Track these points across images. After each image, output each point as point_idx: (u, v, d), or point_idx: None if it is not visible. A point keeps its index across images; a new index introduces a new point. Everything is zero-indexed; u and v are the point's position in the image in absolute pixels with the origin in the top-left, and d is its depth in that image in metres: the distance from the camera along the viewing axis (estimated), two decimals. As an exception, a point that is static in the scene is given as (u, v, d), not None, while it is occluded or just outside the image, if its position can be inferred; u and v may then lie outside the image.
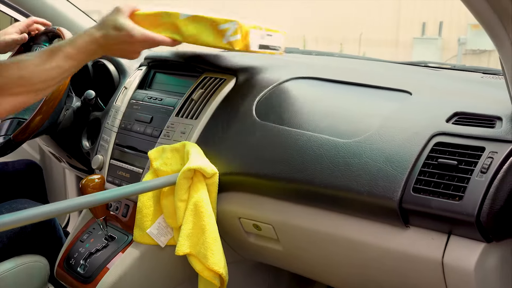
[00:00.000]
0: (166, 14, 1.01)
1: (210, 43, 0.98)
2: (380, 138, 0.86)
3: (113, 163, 1.22)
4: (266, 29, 1.04)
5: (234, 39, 0.96)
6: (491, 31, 0.73)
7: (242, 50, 0.99)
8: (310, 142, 0.92)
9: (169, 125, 1.12)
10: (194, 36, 0.99)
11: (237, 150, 1.02)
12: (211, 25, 0.97)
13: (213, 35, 0.97)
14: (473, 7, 0.71)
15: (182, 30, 1.00)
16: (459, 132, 0.80)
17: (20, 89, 0.92)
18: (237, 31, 0.95)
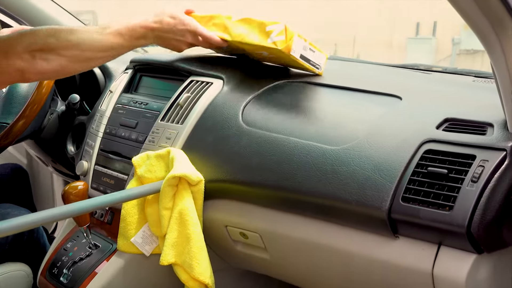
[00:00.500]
0: (219, 17, 1.09)
1: (255, 43, 1.03)
2: (368, 145, 0.83)
3: (98, 169, 1.19)
4: (310, 43, 1.06)
5: (279, 39, 1.00)
6: (482, 36, 0.71)
7: (284, 51, 1.01)
8: (297, 149, 0.90)
9: (154, 130, 1.09)
10: (241, 35, 1.05)
11: (223, 156, 0.99)
12: (259, 26, 1.03)
13: (260, 35, 1.03)
14: (464, 12, 0.69)
15: (231, 30, 1.07)
16: (450, 139, 0.78)
17: (70, 52, 0.93)
18: (282, 33, 1.00)
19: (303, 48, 1.04)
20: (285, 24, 1.00)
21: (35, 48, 0.90)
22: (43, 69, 0.92)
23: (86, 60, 0.98)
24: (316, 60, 1.09)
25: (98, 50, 0.98)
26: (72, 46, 0.94)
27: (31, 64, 0.90)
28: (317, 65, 1.09)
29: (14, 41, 0.89)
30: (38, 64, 0.90)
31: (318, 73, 1.10)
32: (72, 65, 0.96)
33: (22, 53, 0.89)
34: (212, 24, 1.09)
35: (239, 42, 1.06)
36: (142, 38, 1.03)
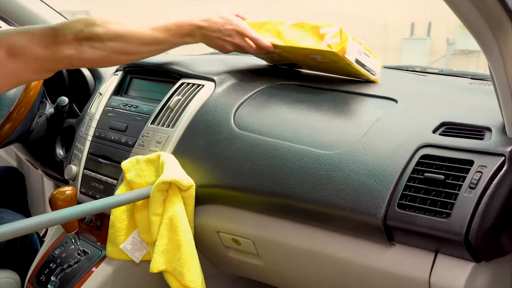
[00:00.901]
0: (271, 23, 1.06)
1: (309, 46, 0.99)
2: (363, 150, 0.81)
3: (87, 174, 1.16)
4: (365, 47, 1.02)
5: (333, 41, 0.96)
6: (479, 37, 0.68)
7: (339, 54, 0.96)
8: (290, 153, 0.87)
9: (144, 134, 1.07)
10: (295, 40, 1.02)
11: (215, 161, 0.97)
12: (312, 29, 1.00)
13: (313, 38, 0.99)
14: (461, 13, 0.67)
15: (284, 35, 1.03)
16: (447, 144, 0.76)
17: (115, 43, 0.94)
18: (337, 35, 0.96)
19: (358, 51, 0.99)
20: (340, 26, 0.96)
21: (83, 36, 0.91)
22: (89, 57, 0.93)
23: (130, 53, 0.98)
24: (371, 66, 1.02)
25: (143, 43, 0.98)
26: (118, 37, 0.94)
27: (78, 51, 0.91)
28: (372, 71, 1.02)
29: (64, 28, 0.90)
30: (85, 51, 0.92)
31: (373, 79, 1.03)
32: (115, 56, 0.97)
33: (71, 40, 0.90)
34: (265, 31, 1.06)
35: (291, 47, 1.02)
36: (188, 36, 1.02)
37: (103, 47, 0.94)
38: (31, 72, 0.92)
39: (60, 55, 0.90)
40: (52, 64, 0.93)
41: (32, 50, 0.88)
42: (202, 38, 1.04)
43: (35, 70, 0.92)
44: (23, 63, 0.89)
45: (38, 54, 0.89)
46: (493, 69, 0.71)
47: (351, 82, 1.03)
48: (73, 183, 1.19)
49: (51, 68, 0.95)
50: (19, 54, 0.88)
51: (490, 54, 0.70)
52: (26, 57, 0.89)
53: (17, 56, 0.88)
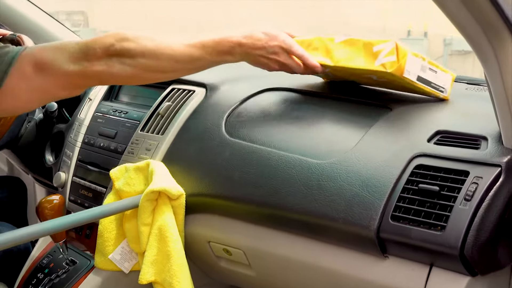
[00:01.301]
0: (320, 40, 0.97)
1: (361, 67, 0.89)
2: (356, 159, 0.79)
3: (76, 181, 1.13)
4: (430, 62, 0.91)
5: (388, 60, 0.85)
6: (474, 44, 0.67)
7: (396, 74, 0.86)
8: (282, 162, 0.85)
9: (133, 141, 1.05)
10: (346, 59, 0.92)
11: (205, 169, 0.94)
12: (365, 46, 0.89)
13: (365, 58, 0.89)
14: (456, 20, 0.65)
15: (334, 53, 0.94)
16: (441, 154, 0.74)
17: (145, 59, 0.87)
18: (393, 52, 0.85)
19: (421, 68, 0.88)
20: (395, 42, 0.85)
21: (113, 50, 0.85)
22: (119, 73, 0.86)
23: (162, 70, 0.90)
24: (439, 82, 0.91)
25: (176, 60, 0.89)
26: (149, 53, 0.87)
27: (108, 67, 0.85)
28: (441, 87, 0.92)
29: (95, 43, 0.85)
30: (115, 67, 0.85)
31: (443, 97, 0.92)
32: (147, 73, 0.89)
33: (101, 55, 0.85)
34: (313, 49, 0.96)
35: (342, 67, 0.93)
36: (228, 54, 0.92)
37: (134, 63, 0.86)
38: (60, 88, 0.86)
39: (89, 71, 0.84)
40: (81, 80, 0.86)
41: (61, 65, 0.83)
42: (244, 57, 0.94)
43: (64, 87, 0.86)
44: (52, 78, 0.84)
45: (67, 69, 0.83)
46: (489, 77, 0.69)
47: (345, 88, 1.01)
48: (62, 191, 1.17)
49: (81, 84, 0.89)
50: (47, 69, 0.82)
51: (486, 61, 0.68)
52: (55, 73, 0.83)
53: (45, 71, 0.82)
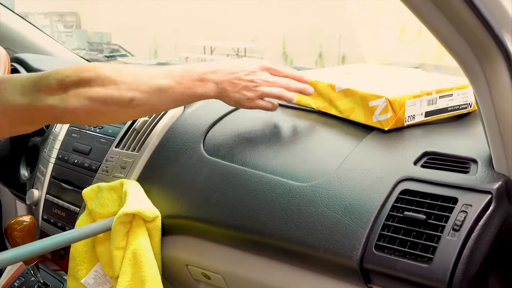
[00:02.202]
0: (324, 87, 0.93)
1: (362, 121, 0.87)
2: (339, 182, 0.74)
3: (49, 199, 1.08)
4: (440, 90, 0.86)
5: (384, 118, 0.83)
6: (464, 64, 0.62)
7: (397, 126, 0.83)
8: (261, 184, 0.80)
9: (108, 158, 0.99)
10: (349, 110, 0.89)
11: (182, 189, 0.90)
12: (361, 99, 0.86)
13: (364, 112, 0.87)
14: (442, 37, 0.60)
15: (337, 103, 0.91)
16: (428, 178, 0.69)
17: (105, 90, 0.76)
18: (387, 109, 0.82)
19: (427, 104, 0.85)
20: (387, 98, 0.82)
21: (69, 82, 0.75)
22: (74, 108, 0.75)
23: (124, 103, 0.78)
24: (457, 102, 0.88)
25: (141, 91, 0.78)
26: (109, 82, 0.76)
27: (62, 101, 0.75)
28: (462, 105, 0.89)
29: (50, 74, 0.76)
30: (70, 101, 0.75)
31: (468, 111, 0.90)
32: (106, 108, 0.77)
33: (55, 88, 0.75)
34: (318, 94, 0.94)
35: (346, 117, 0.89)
36: (199, 82, 0.82)
37: (92, 95, 0.76)
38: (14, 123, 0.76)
39: (41, 104, 0.74)
40: (34, 115, 0.76)
41: (9, 97, 0.74)
42: (218, 93, 0.84)
43: (14, 122, 0.76)
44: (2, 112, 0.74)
45: (16, 102, 0.74)
46: (479, 98, 0.65)
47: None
48: (35, 209, 1.11)
49: (34, 121, 0.78)
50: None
51: (475, 82, 0.64)
52: (5, 106, 0.74)
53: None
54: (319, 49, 10.19)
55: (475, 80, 0.63)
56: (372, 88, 0.87)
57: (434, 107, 0.87)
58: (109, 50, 12.71)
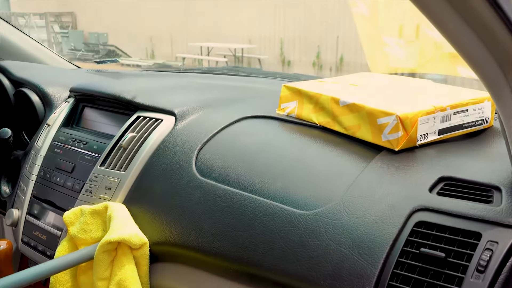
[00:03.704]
0: (327, 100, 0.86)
1: (370, 139, 0.79)
2: (345, 211, 0.67)
3: (30, 220, 1.00)
4: (455, 105, 0.79)
5: (394, 137, 0.75)
6: (488, 79, 0.55)
7: (409, 146, 0.76)
8: (259, 211, 0.73)
9: (92, 177, 0.91)
10: (354, 127, 0.82)
11: (172, 214, 0.82)
12: (369, 116, 0.79)
13: (371, 130, 0.79)
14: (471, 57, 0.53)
15: (341, 119, 0.83)
16: (446, 208, 0.62)
17: None
18: (397, 128, 0.74)
19: (440, 121, 0.78)
20: (398, 115, 0.74)
21: None
22: None
23: None
24: (473, 118, 0.81)
25: None
26: None
27: None
28: (478, 121, 0.82)
29: None
30: None
31: (484, 127, 0.83)
32: None
33: None
34: (320, 108, 0.88)
35: (351, 134, 0.82)
36: None
37: None
38: None
39: None
40: None
41: None
42: None
43: None
44: None
45: None
46: (504, 117, 0.58)
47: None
48: (15, 230, 1.03)
49: None
50: None
51: (500, 98, 0.56)
52: None
53: None
54: (316, 50, 10.11)
55: (500, 96, 0.56)
56: (380, 103, 0.79)
57: (448, 124, 0.79)
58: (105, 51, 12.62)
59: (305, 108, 0.92)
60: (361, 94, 0.85)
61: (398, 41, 5.61)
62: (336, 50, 9.99)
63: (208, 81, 1.27)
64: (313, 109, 0.90)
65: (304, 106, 0.92)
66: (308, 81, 1.00)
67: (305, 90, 0.92)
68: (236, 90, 1.15)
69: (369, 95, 0.85)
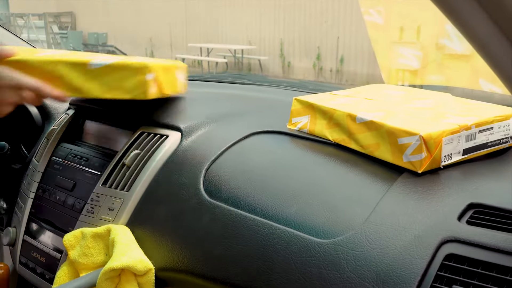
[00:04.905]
0: (342, 116, 0.81)
1: (389, 160, 0.74)
2: (368, 241, 0.62)
3: (27, 240, 0.95)
4: (480, 123, 0.74)
5: (416, 159, 0.70)
6: None
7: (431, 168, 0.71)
8: (273, 237, 0.68)
9: (93, 197, 0.86)
10: (372, 146, 0.77)
11: (179, 238, 0.77)
12: (389, 135, 0.74)
13: (391, 150, 0.74)
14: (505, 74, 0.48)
15: (358, 137, 0.78)
16: (479, 240, 0.57)
17: None
18: (421, 149, 0.69)
19: (465, 140, 0.73)
20: (421, 136, 0.69)
21: None
22: None
23: None
24: (498, 136, 0.77)
25: None
26: None
27: None
28: (503, 139, 0.78)
29: None
30: None
31: (510, 145, 0.79)
32: None
33: None
34: (334, 124, 0.83)
35: (368, 153, 0.77)
36: None
37: None
38: None
39: None
40: None
41: None
42: None
43: None
44: None
45: None
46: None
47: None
48: (13, 250, 0.98)
49: None
50: None
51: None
52: None
53: None
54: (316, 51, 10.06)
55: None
56: (400, 121, 0.74)
57: (473, 143, 0.74)
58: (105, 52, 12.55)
59: (318, 124, 0.87)
60: (379, 110, 0.81)
61: (415, 52, 5.55)
62: (337, 51, 9.95)
63: (212, 90, 1.22)
64: (327, 124, 0.85)
65: (317, 122, 0.87)
66: (320, 94, 0.95)
67: (318, 104, 0.87)
68: (243, 101, 1.10)
69: (387, 111, 0.80)
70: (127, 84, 0.82)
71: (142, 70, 0.82)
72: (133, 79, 0.82)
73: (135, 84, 0.83)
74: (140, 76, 0.82)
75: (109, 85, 0.83)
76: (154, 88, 0.84)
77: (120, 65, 0.82)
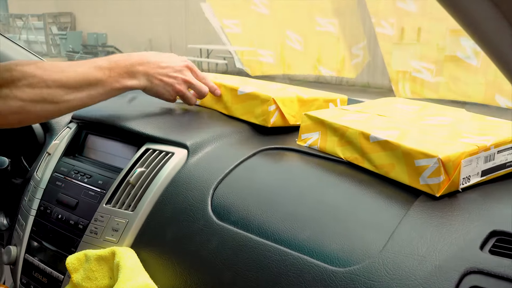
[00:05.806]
0: (355, 134, 0.78)
1: (405, 182, 0.71)
2: (386, 271, 0.59)
3: (29, 260, 0.92)
4: (499, 143, 0.72)
5: (434, 182, 0.67)
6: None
7: (450, 191, 0.69)
8: (285, 264, 0.65)
9: (97, 217, 0.84)
10: (387, 166, 0.74)
11: (187, 261, 0.74)
12: (405, 156, 0.71)
13: (407, 171, 0.71)
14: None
15: (371, 156, 0.76)
16: (505, 272, 0.54)
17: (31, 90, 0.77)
18: (439, 172, 0.67)
19: (484, 161, 0.71)
20: (440, 158, 0.66)
21: None
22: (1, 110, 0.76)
23: (52, 100, 0.79)
24: None
25: (68, 86, 0.80)
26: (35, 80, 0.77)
27: None
28: None
29: None
30: None
31: None
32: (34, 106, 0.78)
33: None
34: (346, 142, 0.80)
35: (383, 174, 0.75)
36: (127, 75, 0.86)
37: (17, 94, 0.76)
38: None
39: None
40: None
41: None
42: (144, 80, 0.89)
43: None
44: None
45: None
46: None
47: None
48: (13, 269, 0.96)
49: None
50: None
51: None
52: None
53: None
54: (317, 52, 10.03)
55: None
56: (416, 141, 0.72)
57: (492, 164, 0.72)
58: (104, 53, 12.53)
59: (329, 141, 0.84)
60: (392, 128, 0.78)
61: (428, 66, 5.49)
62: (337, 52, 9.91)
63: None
64: (338, 142, 0.82)
65: (328, 138, 0.84)
66: (329, 110, 0.92)
67: (328, 121, 0.84)
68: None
69: (402, 129, 0.77)
70: (256, 111, 0.94)
71: (266, 102, 0.92)
72: (259, 108, 0.93)
73: (261, 112, 0.93)
74: (264, 107, 0.92)
75: (246, 109, 0.96)
76: (275, 118, 0.93)
77: (254, 95, 0.95)
